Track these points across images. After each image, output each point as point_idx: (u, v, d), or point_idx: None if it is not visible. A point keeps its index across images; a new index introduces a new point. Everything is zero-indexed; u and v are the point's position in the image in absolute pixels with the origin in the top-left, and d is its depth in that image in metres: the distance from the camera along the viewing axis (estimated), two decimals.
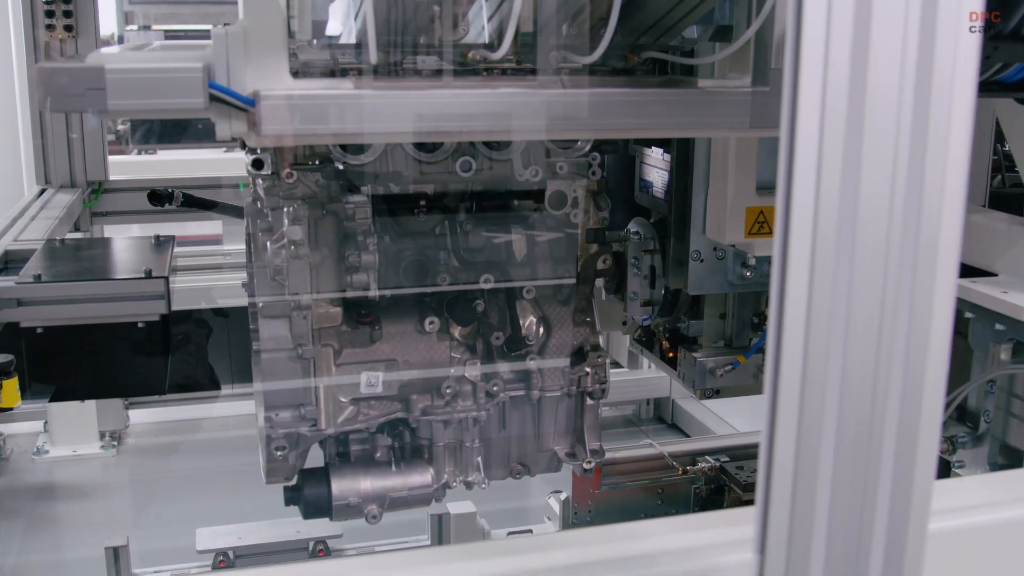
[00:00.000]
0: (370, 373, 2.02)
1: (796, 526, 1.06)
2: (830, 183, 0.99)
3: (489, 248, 2.12)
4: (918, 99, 0.99)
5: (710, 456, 3.32)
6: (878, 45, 0.97)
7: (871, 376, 1.05)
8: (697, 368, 2.40)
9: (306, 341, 1.98)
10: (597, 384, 2.24)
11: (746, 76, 1.66)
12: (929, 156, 1.01)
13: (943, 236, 1.03)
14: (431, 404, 2.09)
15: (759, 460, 1.07)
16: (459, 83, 1.60)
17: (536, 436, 2.25)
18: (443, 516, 3.60)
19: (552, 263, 2.21)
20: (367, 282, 1.97)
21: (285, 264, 1.95)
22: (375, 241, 1.96)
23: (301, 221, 1.92)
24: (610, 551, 1.44)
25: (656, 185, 2.36)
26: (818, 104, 0.97)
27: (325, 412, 2.00)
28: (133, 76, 1.41)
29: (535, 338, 2.20)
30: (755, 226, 2.09)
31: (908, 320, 1.04)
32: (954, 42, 0.98)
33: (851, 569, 1.08)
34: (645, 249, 2.35)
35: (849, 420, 1.05)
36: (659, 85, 1.72)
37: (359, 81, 1.54)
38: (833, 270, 1.01)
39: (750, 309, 2.44)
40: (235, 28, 1.49)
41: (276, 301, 1.97)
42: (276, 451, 2.03)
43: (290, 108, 1.48)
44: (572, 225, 2.21)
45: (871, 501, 1.07)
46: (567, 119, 1.60)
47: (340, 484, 2.07)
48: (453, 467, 2.15)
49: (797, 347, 1.02)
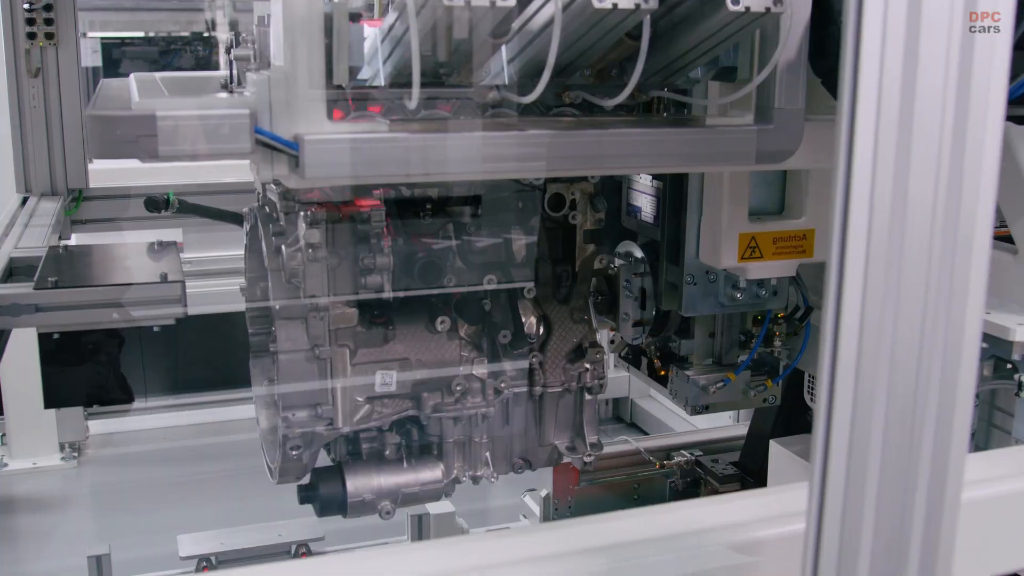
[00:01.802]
0: (384, 372, 2.07)
1: (850, 495, 1.15)
2: (882, 201, 1.09)
3: (492, 249, 2.19)
4: (956, 125, 1.10)
5: (685, 451, 3.43)
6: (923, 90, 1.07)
7: (914, 365, 1.15)
8: (690, 386, 2.49)
9: (323, 342, 2.02)
10: (596, 380, 2.32)
11: (747, 114, 1.76)
12: (966, 171, 1.12)
13: (976, 244, 1.14)
14: (442, 401, 2.15)
15: (815, 438, 1.16)
16: (489, 125, 1.67)
17: (538, 431, 2.33)
18: (423, 516, 3.66)
19: (551, 263, 2.29)
20: (381, 283, 2.03)
21: (302, 267, 1.99)
22: (389, 243, 2.01)
23: (319, 225, 1.97)
24: (656, 528, 1.52)
25: (645, 210, 2.44)
26: (872, 134, 1.07)
27: (342, 411, 2.05)
28: (183, 123, 1.46)
29: (537, 336, 2.27)
30: (747, 251, 2.18)
31: (947, 316, 1.15)
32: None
33: (896, 533, 1.18)
34: (636, 272, 2.44)
35: (895, 404, 1.15)
36: (671, 124, 1.80)
37: (394, 124, 1.59)
38: (884, 267, 1.11)
39: (737, 328, 2.54)
40: (277, 74, 1.54)
41: (293, 303, 2.01)
42: (291, 450, 2.07)
43: (332, 152, 1.52)
44: (570, 226, 2.30)
45: (914, 472, 1.17)
46: (594, 157, 1.68)
47: (355, 481, 2.12)
48: (462, 462, 2.21)
49: (851, 350, 1.12)
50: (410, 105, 1.55)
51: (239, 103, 1.55)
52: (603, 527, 1.59)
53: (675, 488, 3.40)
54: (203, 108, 1.49)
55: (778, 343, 2.52)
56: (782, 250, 2.20)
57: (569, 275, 2.31)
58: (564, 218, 2.28)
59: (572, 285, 2.32)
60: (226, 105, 1.53)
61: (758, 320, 2.52)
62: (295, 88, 1.53)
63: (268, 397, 2.46)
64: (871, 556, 1.17)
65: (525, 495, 3.63)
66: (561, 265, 2.31)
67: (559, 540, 1.54)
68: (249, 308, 2.50)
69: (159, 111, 1.45)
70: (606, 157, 1.69)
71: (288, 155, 1.53)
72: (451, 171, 1.66)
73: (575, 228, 2.30)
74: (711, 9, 1.55)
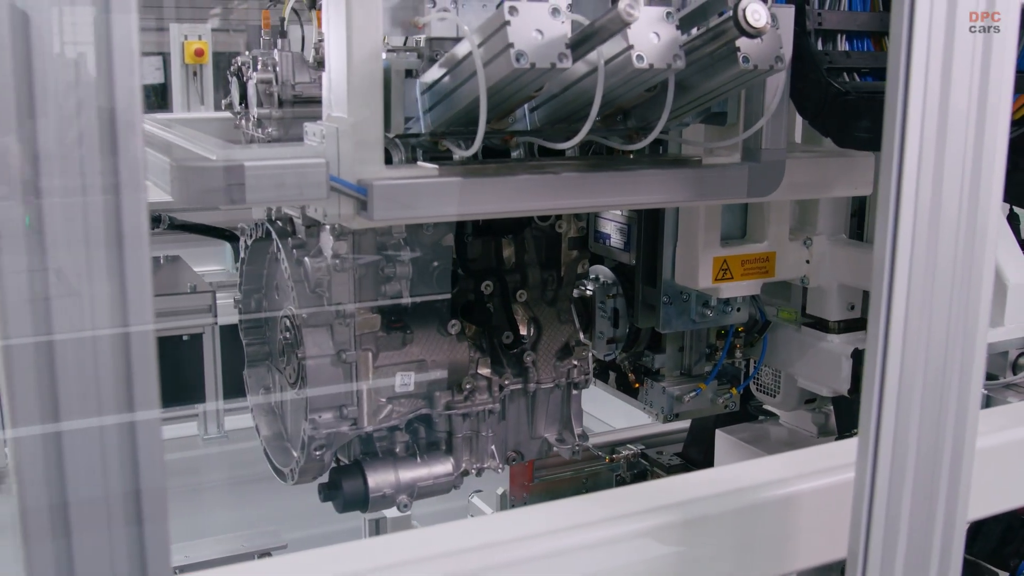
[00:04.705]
0: (403, 373, 2.22)
1: (897, 447, 1.39)
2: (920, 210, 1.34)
3: (495, 257, 2.38)
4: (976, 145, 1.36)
5: (631, 444, 3.67)
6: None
7: (943, 350, 1.40)
8: (665, 396, 2.73)
9: (349, 347, 2.16)
10: (582, 375, 2.53)
11: (735, 153, 2.01)
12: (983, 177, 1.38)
13: (988, 245, 1.40)
14: (452, 399, 2.31)
15: (864, 410, 1.39)
16: (523, 168, 1.88)
17: (530, 425, 2.51)
18: (379, 520, 3.79)
19: (540, 268, 2.49)
20: (400, 290, 2.18)
21: (327, 277, 2.12)
22: (408, 253, 2.17)
23: (346, 236, 2.10)
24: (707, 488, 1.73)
25: (614, 237, 2.67)
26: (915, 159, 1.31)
27: (367, 411, 2.19)
28: (268, 172, 1.61)
29: (529, 336, 2.46)
30: (720, 273, 2.43)
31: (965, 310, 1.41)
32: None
33: (930, 472, 1.43)
34: (609, 294, 2.67)
35: (930, 377, 1.40)
36: (676, 165, 2.03)
37: (443, 168, 1.78)
38: (923, 267, 1.36)
39: (703, 342, 2.80)
40: (344, 126, 1.70)
41: (319, 311, 2.14)
42: (315, 451, 2.20)
43: (395, 195, 1.70)
44: (557, 234, 2.50)
45: (945, 427, 1.43)
46: (609, 194, 1.92)
47: (375, 478, 2.26)
48: (470, 456, 2.38)
49: (897, 341, 1.36)
50: (467, 153, 1.74)
51: (312, 153, 1.71)
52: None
53: (623, 480, 3.63)
54: (283, 158, 1.65)
55: (739, 354, 2.79)
56: (749, 271, 2.47)
57: (555, 279, 2.51)
58: (551, 227, 2.48)
59: (558, 288, 2.51)
60: (302, 155, 1.69)
61: (720, 334, 2.79)
62: (358, 138, 1.70)
63: (268, 405, 2.57)
64: (912, 498, 1.42)
65: (473, 497, 3.80)
66: (548, 270, 2.50)
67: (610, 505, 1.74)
68: (243, 320, 2.60)
69: (247, 161, 1.59)
70: (625, 193, 1.92)
71: (356, 199, 1.69)
72: (493, 209, 1.85)
73: (561, 236, 2.50)
74: (724, 66, 1.78)
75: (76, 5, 1.01)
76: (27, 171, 1.00)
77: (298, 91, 2.10)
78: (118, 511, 1.09)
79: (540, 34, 1.60)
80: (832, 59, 2.04)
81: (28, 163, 1.00)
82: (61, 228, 1.02)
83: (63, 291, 1.04)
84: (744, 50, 1.75)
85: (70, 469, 1.06)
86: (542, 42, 1.60)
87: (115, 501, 1.08)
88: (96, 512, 1.08)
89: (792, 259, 2.51)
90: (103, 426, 1.07)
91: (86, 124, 1.01)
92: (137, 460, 1.08)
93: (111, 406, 1.07)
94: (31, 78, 0.99)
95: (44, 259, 1.02)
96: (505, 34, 1.58)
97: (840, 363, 2.56)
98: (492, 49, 1.63)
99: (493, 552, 1.59)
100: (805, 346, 2.67)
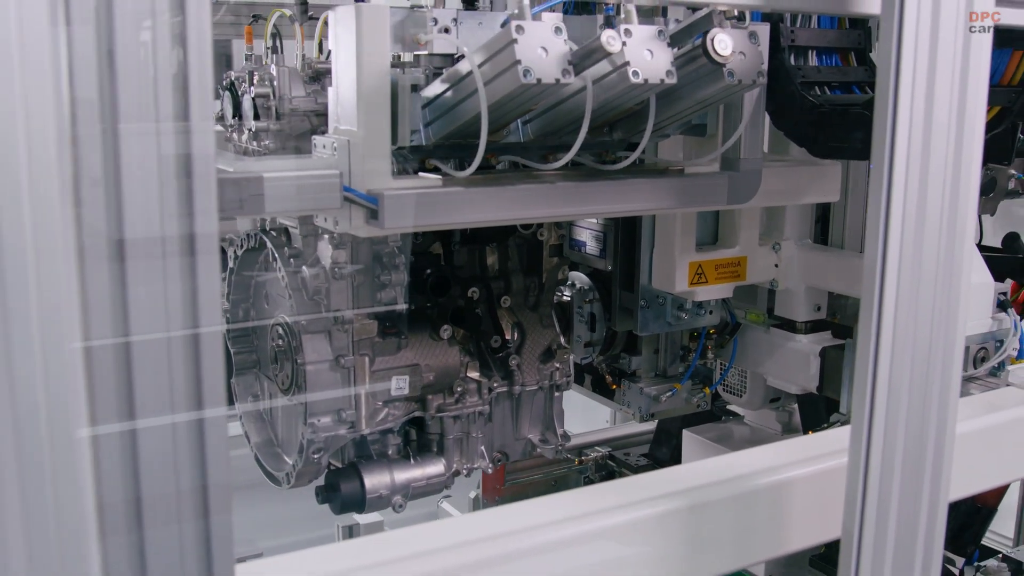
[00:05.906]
0: (399, 377, 2.29)
1: (888, 432, 1.51)
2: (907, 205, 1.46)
3: (479, 264, 2.47)
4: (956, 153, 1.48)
5: (598, 447, 3.77)
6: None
7: (927, 337, 1.53)
8: (643, 397, 2.84)
9: (347, 352, 2.22)
10: (564, 377, 2.62)
11: (714, 163, 2.13)
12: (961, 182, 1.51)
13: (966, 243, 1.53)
14: (444, 402, 2.39)
15: (857, 401, 1.51)
16: (521, 179, 1.97)
17: (515, 426, 2.60)
18: (353, 527, 3.82)
19: (523, 275, 2.58)
20: (396, 297, 2.25)
21: (325, 285, 2.19)
22: (403, 260, 2.24)
23: (344, 246, 2.17)
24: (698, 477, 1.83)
25: (589, 244, 2.78)
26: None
27: (364, 414, 2.25)
28: (286, 183, 1.69)
29: (514, 340, 2.55)
30: (695, 277, 2.56)
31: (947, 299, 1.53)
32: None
33: (918, 452, 1.55)
34: (586, 299, 2.78)
35: (917, 367, 1.52)
36: (662, 174, 2.14)
37: (446, 179, 1.87)
38: (910, 273, 1.48)
39: (678, 344, 2.92)
40: (354, 139, 1.77)
41: (318, 318, 2.20)
42: (313, 454, 2.25)
43: (405, 204, 1.78)
44: (538, 242, 2.59)
45: (929, 415, 1.55)
46: (602, 202, 2.04)
47: (371, 479, 2.32)
48: (460, 456, 2.45)
49: (888, 329, 1.48)
50: (465, 173, 1.83)
51: (323, 164, 1.79)
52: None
53: (591, 481, 3.73)
54: (299, 170, 1.72)
55: (711, 355, 2.92)
56: (722, 275, 2.59)
57: (537, 285, 2.60)
58: (533, 235, 2.57)
59: (540, 294, 2.60)
60: (316, 167, 1.76)
61: (693, 336, 2.91)
62: (368, 150, 1.78)
63: (257, 412, 2.61)
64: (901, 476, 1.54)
65: (442, 502, 3.87)
66: (531, 276, 2.59)
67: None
68: (231, 328, 2.64)
69: (265, 173, 1.66)
70: (618, 201, 2.03)
71: (367, 208, 1.77)
72: (495, 217, 1.95)
73: (542, 244, 2.59)
74: (709, 81, 1.90)
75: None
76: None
77: (295, 104, 2.16)
78: (188, 505, 1.15)
79: (545, 51, 1.70)
80: (804, 73, 2.17)
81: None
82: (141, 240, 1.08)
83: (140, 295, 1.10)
84: (729, 65, 1.87)
85: (144, 466, 1.12)
86: (547, 59, 1.70)
87: (185, 496, 1.15)
88: (167, 507, 1.14)
89: (762, 263, 2.65)
90: (175, 423, 1.13)
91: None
92: (205, 457, 1.15)
93: (182, 405, 1.13)
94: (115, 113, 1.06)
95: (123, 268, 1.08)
96: (512, 51, 1.68)
97: (808, 361, 2.70)
98: (499, 65, 1.72)
99: (505, 541, 1.68)
100: (774, 346, 2.81)
